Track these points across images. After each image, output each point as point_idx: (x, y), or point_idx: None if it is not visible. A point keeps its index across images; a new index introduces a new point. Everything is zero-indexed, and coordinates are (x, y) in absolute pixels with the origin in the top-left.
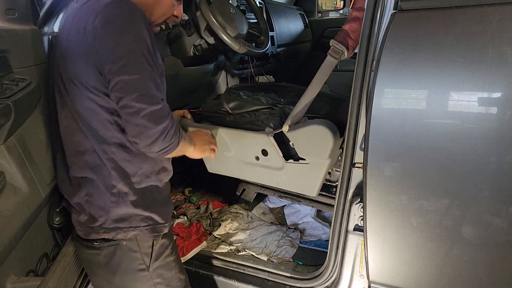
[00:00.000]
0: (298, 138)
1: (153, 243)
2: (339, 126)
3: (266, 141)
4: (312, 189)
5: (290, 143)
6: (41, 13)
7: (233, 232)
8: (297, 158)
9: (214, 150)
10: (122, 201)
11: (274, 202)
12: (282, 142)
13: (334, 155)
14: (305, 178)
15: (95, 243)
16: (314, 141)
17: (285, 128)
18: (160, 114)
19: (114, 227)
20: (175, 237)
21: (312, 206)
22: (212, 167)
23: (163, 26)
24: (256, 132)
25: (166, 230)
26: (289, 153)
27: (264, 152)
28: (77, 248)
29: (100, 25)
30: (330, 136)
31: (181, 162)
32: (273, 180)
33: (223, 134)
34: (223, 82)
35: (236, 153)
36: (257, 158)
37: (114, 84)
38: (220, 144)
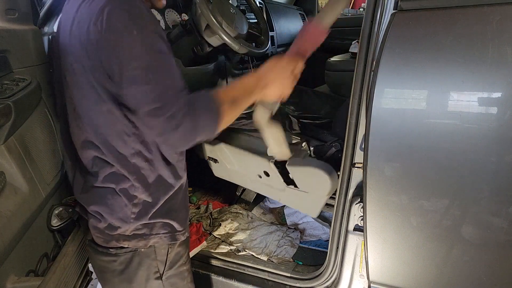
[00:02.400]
0: (297, 174)
1: (168, 251)
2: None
3: (267, 165)
4: (314, 212)
5: (290, 175)
6: (41, 13)
7: (233, 232)
8: (297, 186)
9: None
10: (144, 211)
11: (274, 202)
12: (283, 168)
13: (333, 189)
14: (306, 202)
15: (112, 250)
16: (313, 182)
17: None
18: (192, 115)
19: (133, 234)
20: None
21: None
22: (218, 173)
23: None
24: (257, 155)
25: (183, 238)
26: (289, 180)
27: (266, 174)
28: (90, 254)
29: (104, 25)
30: (328, 181)
31: None
32: (276, 196)
33: (226, 150)
34: (223, 82)
35: (239, 169)
36: (260, 177)
37: (127, 93)
38: (224, 157)
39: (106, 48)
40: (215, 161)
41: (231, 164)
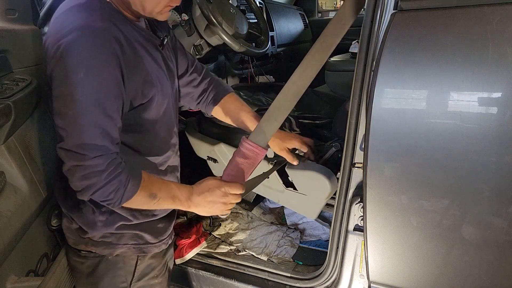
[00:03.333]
0: (296, 177)
1: (137, 262)
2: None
3: (267, 167)
4: (312, 214)
5: (289, 178)
6: (41, 13)
7: (233, 232)
8: (296, 188)
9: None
10: (111, 221)
11: (274, 202)
12: (283, 170)
13: (332, 192)
14: (305, 204)
15: (82, 252)
16: (312, 185)
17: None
18: (84, 172)
19: (101, 241)
20: (174, 238)
21: None
22: (217, 173)
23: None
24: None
25: (156, 250)
26: (289, 182)
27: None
28: (66, 252)
29: (58, 56)
30: (327, 185)
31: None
32: (275, 197)
33: (225, 150)
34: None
35: None
36: None
37: (54, 124)
38: (223, 158)
39: (53, 75)
40: (215, 161)
41: None
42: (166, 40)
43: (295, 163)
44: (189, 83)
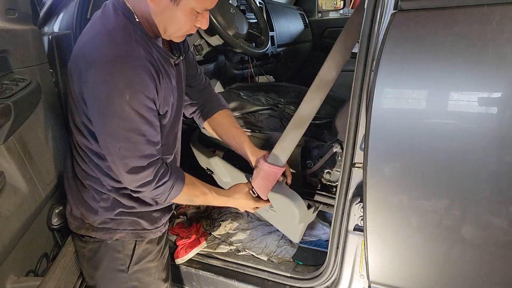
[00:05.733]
0: (271, 198)
1: (135, 246)
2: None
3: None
4: (294, 237)
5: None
6: (41, 13)
7: (233, 232)
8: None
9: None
10: (111, 207)
11: None
12: None
13: (307, 220)
14: (286, 226)
15: (84, 237)
16: (284, 210)
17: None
18: (137, 184)
19: (102, 227)
20: (174, 237)
21: None
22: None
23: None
24: (245, 174)
25: (153, 236)
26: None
27: (254, 192)
28: (72, 238)
29: (94, 82)
30: (295, 212)
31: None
32: (264, 215)
33: (220, 163)
34: (223, 82)
35: (233, 182)
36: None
37: (100, 142)
38: (219, 171)
39: (96, 98)
40: (212, 172)
41: (225, 177)
42: (181, 59)
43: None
44: (189, 93)
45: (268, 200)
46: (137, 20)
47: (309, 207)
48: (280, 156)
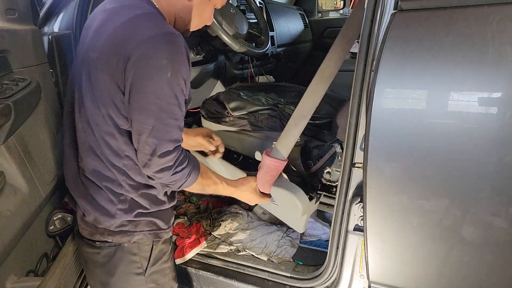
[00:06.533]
0: (274, 192)
1: (152, 247)
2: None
3: None
4: (298, 228)
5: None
6: (41, 13)
7: (233, 232)
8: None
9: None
10: (129, 209)
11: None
12: None
13: (309, 211)
14: (290, 217)
15: (97, 243)
16: (286, 203)
17: (257, 155)
18: (158, 168)
19: (119, 231)
20: (174, 237)
21: None
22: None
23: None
24: (246, 172)
25: (167, 236)
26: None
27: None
28: (78, 245)
29: (138, 57)
30: (299, 208)
31: None
32: (267, 207)
33: (219, 162)
34: (223, 82)
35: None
36: None
37: (132, 120)
38: (216, 168)
39: (136, 73)
40: None
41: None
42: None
43: (212, 148)
44: None
45: (270, 195)
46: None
47: (310, 198)
48: (281, 151)
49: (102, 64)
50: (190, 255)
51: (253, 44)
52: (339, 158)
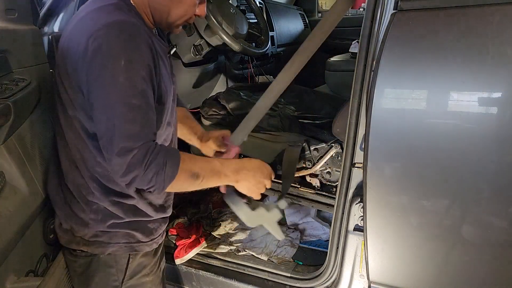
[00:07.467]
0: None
1: (128, 260)
2: None
3: None
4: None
5: None
6: (41, 13)
7: (233, 232)
8: None
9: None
10: (102, 219)
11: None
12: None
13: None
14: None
15: (74, 251)
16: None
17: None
18: (127, 166)
19: (93, 241)
20: (174, 238)
21: (312, 206)
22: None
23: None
24: None
25: (148, 249)
26: None
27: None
28: (62, 251)
29: (92, 48)
30: (249, 222)
31: None
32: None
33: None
34: (223, 82)
35: None
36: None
37: (94, 119)
38: None
39: (90, 68)
40: None
41: None
42: (174, 49)
43: (223, 150)
44: None
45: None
46: (132, 4)
47: (249, 202)
48: (237, 135)
49: (63, 66)
50: (190, 255)
51: (253, 44)
52: (339, 158)
